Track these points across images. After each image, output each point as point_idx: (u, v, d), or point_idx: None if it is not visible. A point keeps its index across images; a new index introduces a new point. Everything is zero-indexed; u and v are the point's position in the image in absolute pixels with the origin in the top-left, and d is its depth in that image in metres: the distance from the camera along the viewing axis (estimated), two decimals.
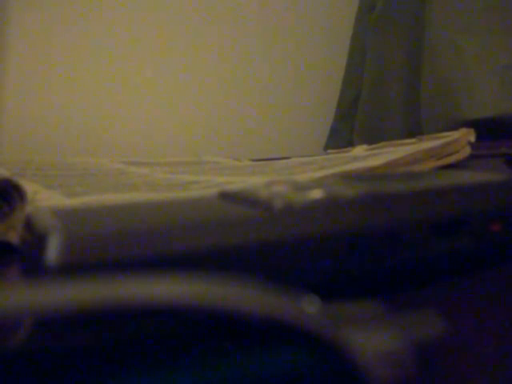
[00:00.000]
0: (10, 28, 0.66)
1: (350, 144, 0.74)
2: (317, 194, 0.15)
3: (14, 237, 0.19)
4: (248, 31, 0.82)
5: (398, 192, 0.16)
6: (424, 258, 0.16)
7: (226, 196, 0.16)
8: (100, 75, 0.72)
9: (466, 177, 0.19)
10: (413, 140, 0.41)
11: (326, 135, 0.83)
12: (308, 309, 0.09)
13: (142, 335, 0.10)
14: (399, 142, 0.42)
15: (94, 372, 0.09)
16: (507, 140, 0.50)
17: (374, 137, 0.71)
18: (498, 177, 0.19)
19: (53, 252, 0.11)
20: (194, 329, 0.09)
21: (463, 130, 0.38)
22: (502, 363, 0.12)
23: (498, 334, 0.13)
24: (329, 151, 0.51)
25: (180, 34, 0.77)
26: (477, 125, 0.45)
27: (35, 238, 0.12)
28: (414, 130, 0.65)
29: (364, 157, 0.36)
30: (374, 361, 0.09)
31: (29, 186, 0.24)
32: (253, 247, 0.13)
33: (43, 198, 0.24)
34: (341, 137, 0.81)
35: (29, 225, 0.13)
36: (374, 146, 0.43)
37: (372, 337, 0.09)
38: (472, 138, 0.37)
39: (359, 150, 0.43)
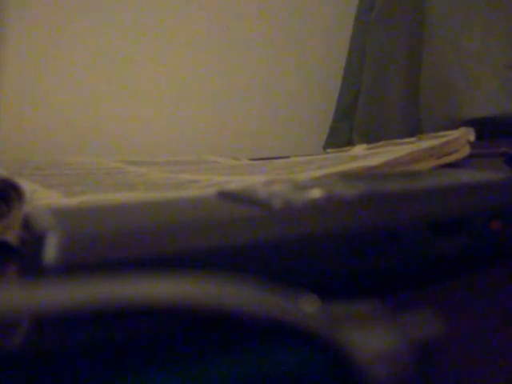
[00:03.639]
0: (8, 28, 0.66)
1: (350, 143, 0.74)
2: (316, 193, 0.15)
3: (12, 236, 0.19)
4: (247, 30, 0.82)
5: (397, 191, 0.16)
6: (424, 257, 0.16)
7: (225, 195, 0.16)
8: (99, 75, 0.72)
9: (466, 176, 0.19)
10: (412, 139, 0.41)
11: (326, 134, 0.83)
12: (307, 308, 0.09)
13: (141, 335, 0.10)
14: (399, 141, 0.42)
15: (94, 372, 0.09)
16: (507, 139, 0.50)
17: (373, 136, 0.71)
18: (498, 176, 0.19)
19: (51, 251, 0.11)
20: (193, 329, 0.09)
21: (463, 129, 0.38)
22: (502, 363, 0.12)
23: (498, 333, 0.13)
24: (328, 150, 0.51)
25: (179, 33, 0.77)
26: (476, 124, 0.45)
27: (33, 238, 0.12)
28: (413, 129, 0.65)
29: (363, 156, 0.36)
30: (373, 361, 0.09)
31: (27, 186, 0.24)
32: (252, 247, 0.13)
33: (41, 198, 0.24)
34: (340, 136, 0.81)
35: (27, 224, 0.13)
36: (373, 145, 0.43)
37: (371, 337, 0.09)
38: (472, 138, 0.37)
39: (359, 149, 0.43)
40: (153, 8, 0.75)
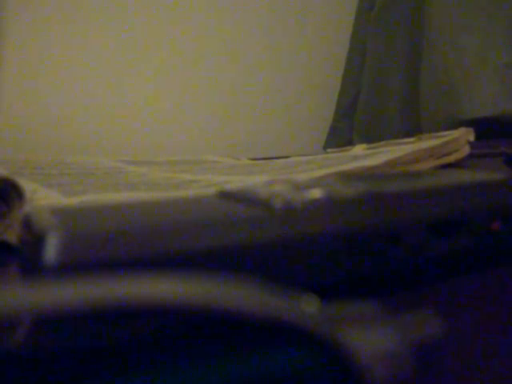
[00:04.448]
0: (7, 28, 0.66)
1: (350, 143, 0.74)
2: (316, 193, 0.15)
3: (12, 236, 0.19)
4: (247, 30, 0.82)
5: (397, 192, 0.16)
6: (424, 257, 0.16)
7: (225, 195, 0.16)
8: (99, 75, 0.72)
9: (466, 176, 0.19)
10: (412, 139, 0.41)
11: (326, 134, 0.83)
12: (307, 308, 0.09)
13: (141, 335, 0.10)
14: (399, 141, 0.42)
15: (94, 372, 0.09)
16: (507, 139, 0.50)
17: (373, 136, 0.72)
18: (498, 176, 0.19)
19: (51, 251, 0.11)
20: (192, 329, 0.09)
21: (462, 129, 0.38)
22: (502, 363, 0.12)
23: (498, 333, 0.13)
24: (328, 150, 0.51)
25: (180, 33, 0.77)
26: (476, 124, 0.45)
27: (33, 238, 0.12)
28: (413, 129, 0.65)
29: (363, 156, 0.36)
30: (373, 361, 0.09)
31: (27, 185, 0.24)
32: (252, 247, 0.13)
33: (42, 197, 0.24)
34: (340, 136, 0.81)
35: (27, 224, 0.13)
36: (373, 145, 0.43)
37: (371, 337, 0.09)
38: (471, 137, 0.37)
39: (359, 149, 0.43)
40: (154, 8, 0.75)
